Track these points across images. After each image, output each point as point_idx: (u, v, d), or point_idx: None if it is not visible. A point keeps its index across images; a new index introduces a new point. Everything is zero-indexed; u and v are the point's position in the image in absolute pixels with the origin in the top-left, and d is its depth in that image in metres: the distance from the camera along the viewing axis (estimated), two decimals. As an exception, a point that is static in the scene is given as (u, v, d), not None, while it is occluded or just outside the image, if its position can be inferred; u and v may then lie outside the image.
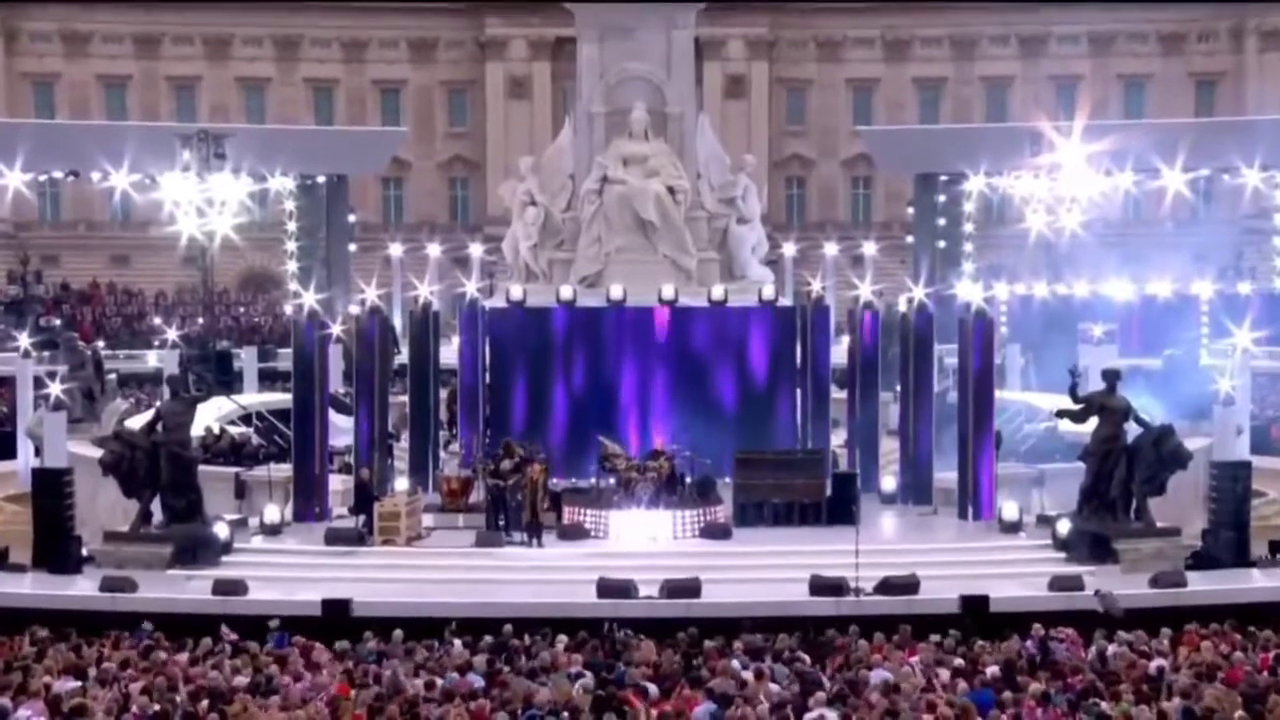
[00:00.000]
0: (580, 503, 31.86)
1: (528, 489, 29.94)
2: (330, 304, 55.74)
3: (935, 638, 23.87)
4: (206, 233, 53.81)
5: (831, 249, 64.29)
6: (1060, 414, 32.17)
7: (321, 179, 59.80)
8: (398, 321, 59.53)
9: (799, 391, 37.12)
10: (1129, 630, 24.08)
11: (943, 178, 59.43)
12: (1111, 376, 31.05)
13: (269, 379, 53.78)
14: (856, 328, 37.58)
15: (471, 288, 38.27)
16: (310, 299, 33.15)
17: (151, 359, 58.13)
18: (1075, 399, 30.88)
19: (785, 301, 42.13)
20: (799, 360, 37.19)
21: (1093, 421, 30.77)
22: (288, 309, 63.32)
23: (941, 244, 63.86)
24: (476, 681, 21.17)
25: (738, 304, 37.73)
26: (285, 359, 49.84)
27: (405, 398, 38.39)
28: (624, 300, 37.10)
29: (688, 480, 32.49)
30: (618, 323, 37.22)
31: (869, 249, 65.12)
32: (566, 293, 37.27)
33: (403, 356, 42.94)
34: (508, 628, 24.30)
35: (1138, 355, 54.74)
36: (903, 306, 44.03)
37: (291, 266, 62.03)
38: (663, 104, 42.18)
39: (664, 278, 38.90)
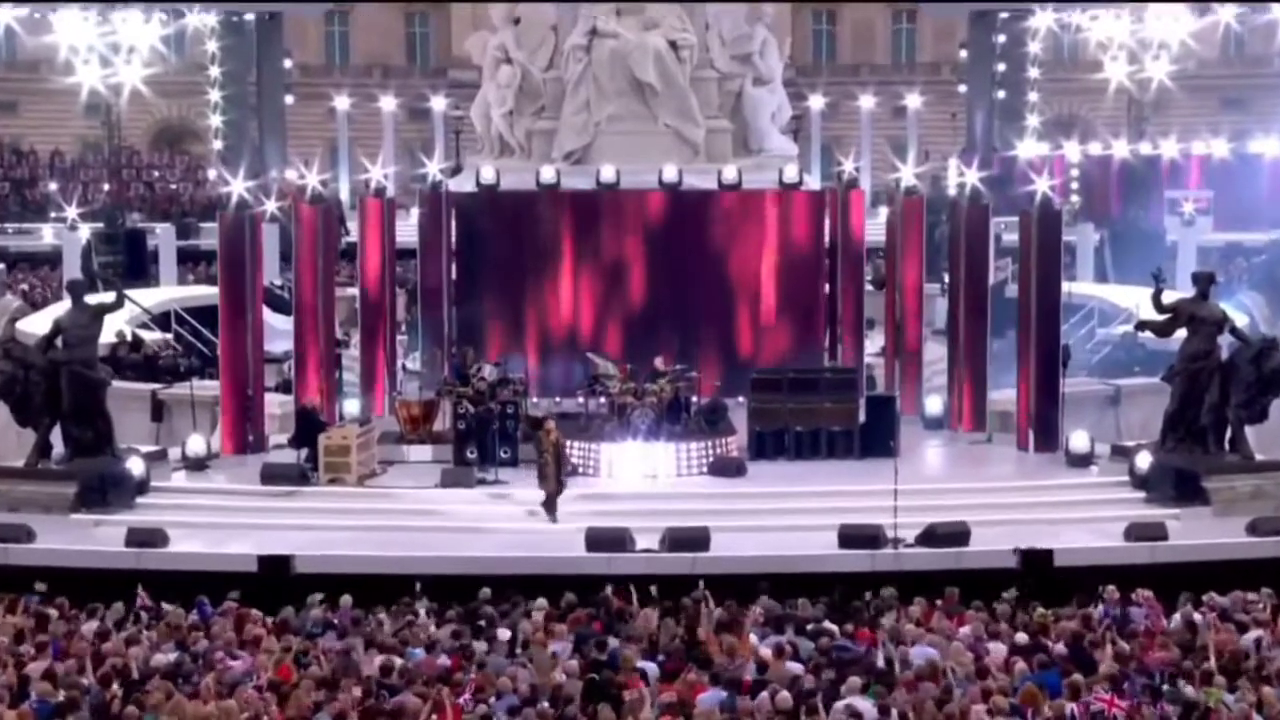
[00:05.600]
0: (566, 433, 31.76)
1: (549, 453, 28.88)
2: (263, 173, 55.87)
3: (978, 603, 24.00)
4: (112, 86, 53.67)
5: (867, 101, 64.12)
6: (1142, 326, 32.22)
7: (250, 16, 59.40)
8: (345, 192, 59.54)
9: (827, 292, 37.15)
10: (1222, 591, 24.17)
11: (1002, 14, 59.07)
12: (1203, 281, 30.97)
13: (190, 260, 53.73)
14: (897, 213, 37.47)
15: (434, 169, 38.02)
16: (239, 187, 32.90)
17: (47, 235, 58.05)
18: (1160, 307, 30.85)
19: (811, 183, 41.92)
20: (827, 256, 37.18)
21: (1180, 334, 30.79)
22: (211, 174, 63.26)
23: (1000, 94, 63.78)
24: (444, 660, 21.32)
25: (754, 186, 37.57)
26: (209, 235, 49.93)
27: (355, 290, 38.37)
28: (617, 182, 36.93)
29: (694, 405, 32.61)
30: (609, 210, 37.10)
31: (913, 100, 65.02)
32: (548, 174, 37.07)
33: (351, 236, 42.91)
34: (484, 591, 24.42)
35: (1236, 230, 54.83)
36: (953, 181, 44.10)
37: (215, 120, 61.85)
38: (664, -61, 41.80)
39: (665, 153, 38.75)
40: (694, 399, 32.64)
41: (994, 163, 54.95)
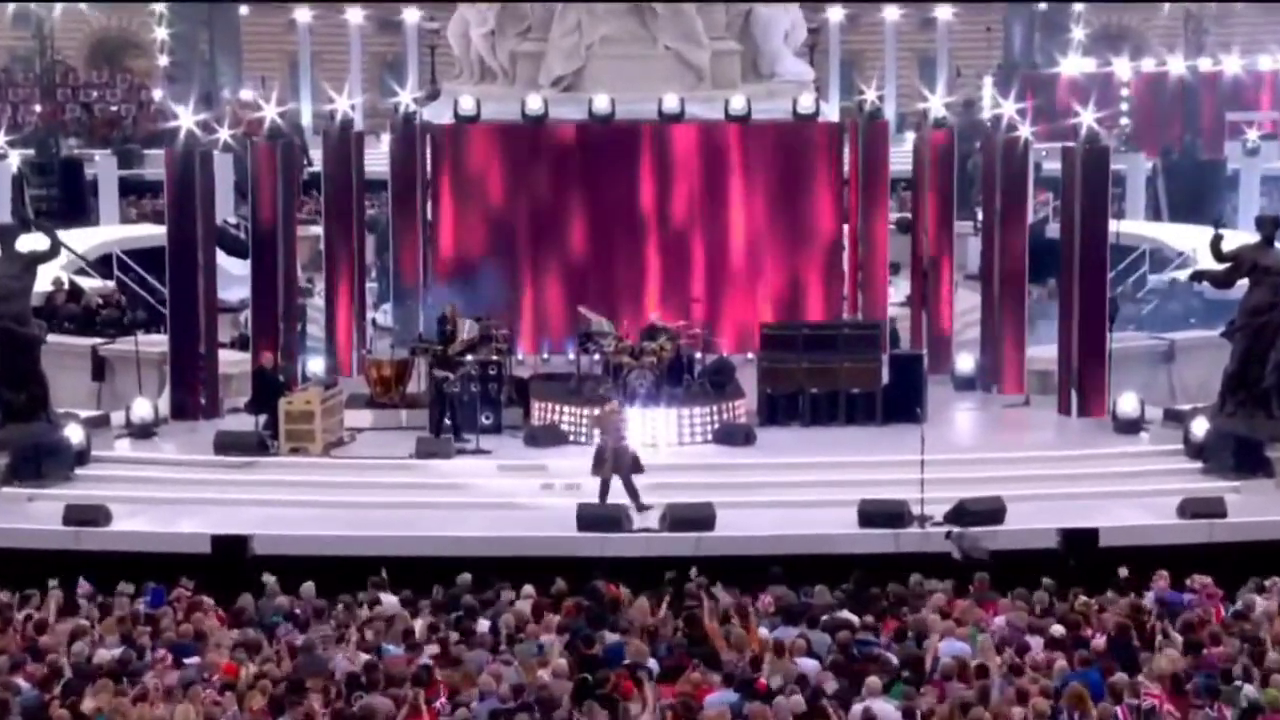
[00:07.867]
0: (555, 396, 32.01)
1: (609, 438, 28.63)
2: (215, 94, 55.85)
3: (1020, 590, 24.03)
4: (42, -2, 53.49)
5: (892, 12, 64.00)
6: (1199, 276, 32.27)
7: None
8: (306, 116, 59.53)
9: (846, 232, 37.14)
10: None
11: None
12: (1269, 225, 30.93)
13: (133, 193, 53.73)
14: (924, 146, 37.46)
15: (406, 97, 37.98)
16: (189, 120, 32.85)
17: (-27, 166, 58.01)
18: (1219, 255, 30.87)
19: (829, 111, 41.87)
20: (846, 194, 37.14)
21: (1243, 285, 30.83)
22: (156, 94, 63.22)
23: (1042, 4, 63.60)
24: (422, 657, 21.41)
25: (765, 117, 37.47)
26: (154, 164, 49.87)
27: (319, 229, 38.35)
28: (612, 113, 36.82)
29: (698, 365, 32.63)
30: (603, 143, 37.03)
31: (943, 11, 64.89)
32: (535, 103, 36.97)
33: (315, 166, 42.89)
34: (463, 577, 24.46)
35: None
36: (987, 105, 44.11)
37: (160, 33, 61.73)
38: None
39: (666, 79, 38.58)
40: (697, 358, 32.66)
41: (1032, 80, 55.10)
